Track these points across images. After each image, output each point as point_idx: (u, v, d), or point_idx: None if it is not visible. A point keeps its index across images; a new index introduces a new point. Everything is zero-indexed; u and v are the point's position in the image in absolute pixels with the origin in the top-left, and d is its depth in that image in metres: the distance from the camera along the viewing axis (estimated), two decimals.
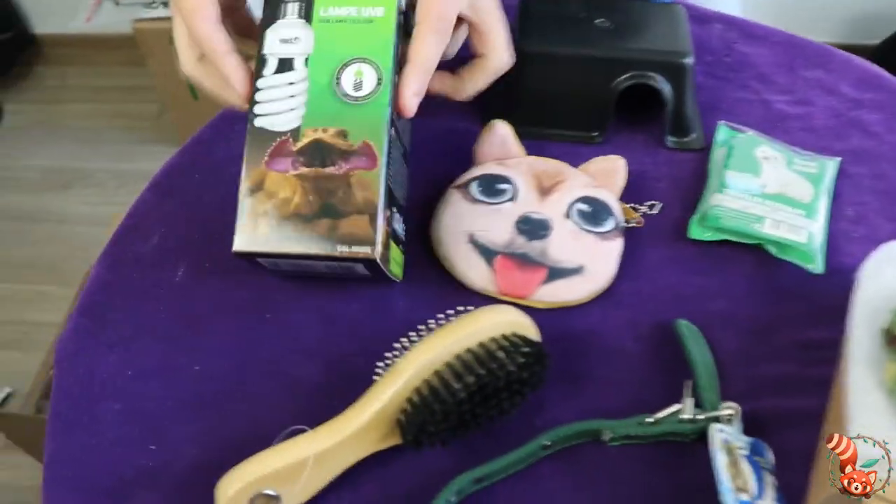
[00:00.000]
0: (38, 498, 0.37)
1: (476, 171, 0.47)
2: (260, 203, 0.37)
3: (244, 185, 0.38)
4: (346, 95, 0.38)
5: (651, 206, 0.47)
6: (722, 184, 0.47)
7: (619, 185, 0.46)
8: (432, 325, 0.37)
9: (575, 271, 0.42)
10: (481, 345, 0.35)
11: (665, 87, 0.49)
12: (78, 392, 0.40)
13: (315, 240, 0.37)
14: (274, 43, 0.39)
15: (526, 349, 0.35)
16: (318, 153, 0.37)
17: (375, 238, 0.36)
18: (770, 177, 0.47)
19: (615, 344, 0.41)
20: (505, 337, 0.35)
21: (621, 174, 0.47)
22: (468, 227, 0.44)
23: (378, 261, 0.37)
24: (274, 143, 0.38)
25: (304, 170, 0.37)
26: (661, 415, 0.36)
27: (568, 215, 0.44)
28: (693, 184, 0.49)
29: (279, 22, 0.39)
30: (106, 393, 0.40)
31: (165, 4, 1.40)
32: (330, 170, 0.37)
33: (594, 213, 0.44)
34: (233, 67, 0.39)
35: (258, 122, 0.38)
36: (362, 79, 0.38)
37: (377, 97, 0.38)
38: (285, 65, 0.39)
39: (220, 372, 0.40)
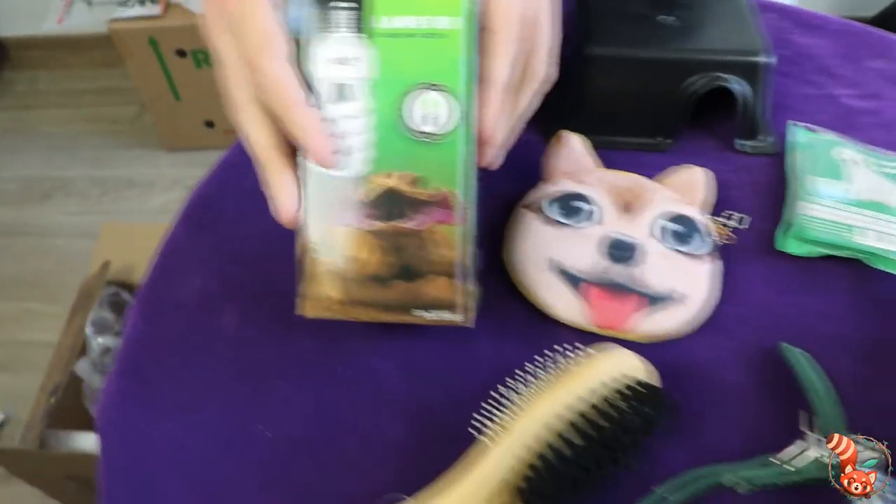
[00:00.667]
0: None
1: (550, 189, 0.42)
2: (327, 263, 0.33)
3: (307, 240, 0.33)
4: (417, 132, 0.32)
5: (740, 220, 0.44)
6: (806, 191, 0.44)
7: (701, 198, 0.43)
8: (529, 371, 0.34)
9: (671, 298, 0.39)
10: (599, 395, 0.32)
11: (743, 89, 0.45)
12: (132, 468, 0.35)
13: (394, 306, 0.33)
14: (324, 63, 0.33)
15: (650, 397, 0.31)
16: (392, 205, 0.33)
17: (459, 301, 0.33)
18: (855, 181, 0.44)
19: (721, 376, 0.38)
20: (628, 387, 0.32)
21: (703, 186, 0.43)
22: (548, 252, 0.40)
23: (467, 326, 0.34)
24: (339, 192, 0.33)
25: (377, 224, 0.33)
26: (797, 461, 0.32)
27: (657, 236, 0.40)
28: (771, 191, 0.46)
29: (328, 35, 0.32)
30: (165, 467, 0.35)
31: (141, 2, 1.32)
32: (405, 224, 0.33)
33: (686, 232, 0.40)
34: (314, 123, 0.32)
35: (317, 165, 0.33)
36: (434, 110, 0.32)
37: (452, 135, 0.33)
38: (342, 92, 0.33)
39: (293, 435, 0.36)
